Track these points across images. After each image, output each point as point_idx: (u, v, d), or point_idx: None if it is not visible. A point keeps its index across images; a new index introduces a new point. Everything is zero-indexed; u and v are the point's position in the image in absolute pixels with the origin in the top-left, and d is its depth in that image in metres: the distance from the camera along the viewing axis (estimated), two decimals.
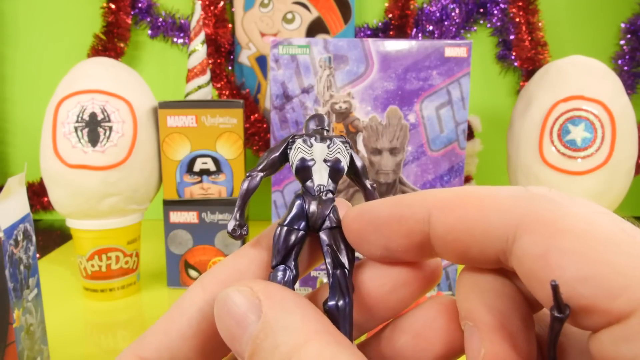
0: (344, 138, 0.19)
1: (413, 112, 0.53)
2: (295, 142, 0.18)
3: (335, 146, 0.18)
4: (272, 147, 0.19)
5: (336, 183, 0.18)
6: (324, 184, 0.18)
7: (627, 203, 0.65)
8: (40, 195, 0.88)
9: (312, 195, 0.18)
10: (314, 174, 0.18)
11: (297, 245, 0.17)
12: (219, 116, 0.57)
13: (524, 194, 0.14)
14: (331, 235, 0.18)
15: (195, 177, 0.58)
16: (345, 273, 0.17)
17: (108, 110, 0.54)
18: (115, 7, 0.81)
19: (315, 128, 0.19)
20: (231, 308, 0.15)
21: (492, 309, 0.15)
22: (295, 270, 0.17)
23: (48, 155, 0.54)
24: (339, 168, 0.18)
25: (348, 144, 0.19)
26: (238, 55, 0.85)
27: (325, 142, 0.18)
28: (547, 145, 0.56)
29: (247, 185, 0.18)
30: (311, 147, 0.18)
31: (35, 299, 0.37)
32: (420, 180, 0.55)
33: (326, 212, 0.18)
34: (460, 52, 0.52)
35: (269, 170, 0.18)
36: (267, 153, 0.18)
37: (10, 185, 0.34)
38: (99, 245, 0.56)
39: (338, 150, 0.18)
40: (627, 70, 0.86)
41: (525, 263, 0.13)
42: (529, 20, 0.83)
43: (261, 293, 0.15)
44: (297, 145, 0.18)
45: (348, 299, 0.17)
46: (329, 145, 0.18)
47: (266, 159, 0.18)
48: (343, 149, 0.18)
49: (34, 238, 0.37)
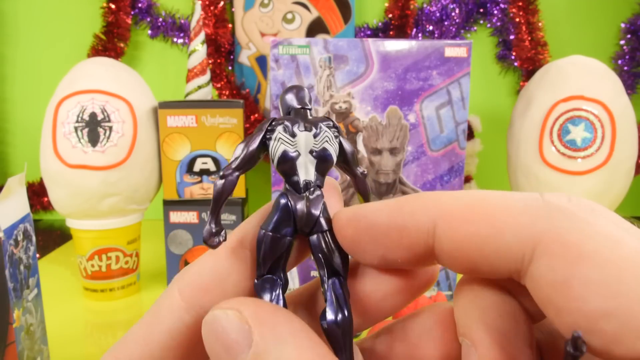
0: (330, 122, 0.16)
1: (413, 112, 0.53)
2: (275, 131, 0.16)
3: (322, 134, 0.16)
4: (247, 138, 0.16)
5: (324, 176, 0.16)
6: (311, 180, 0.16)
7: (627, 203, 0.65)
8: (40, 195, 0.88)
9: (297, 194, 0.16)
10: (298, 168, 0.16)
11: (285, 253, 0.16)
12: (219, 116, 0.57)
13: (541, 206, 0.13)
14: (323, 240, 0.16)
15: (195, 177, 0.58)
16: (341, 281, 0.16)
17: (108, 110, 0.54)
18: (115, 7, 0.81)
19: (296, 107, 0.16)
20: (219, 334, 0.14)
21: (491, 329, 0.14)
22: (283, 279, 0.16)
23: (48, 155, 0.54)
24: (327, 160, 0.16)
25: (336, 129, 0.16)
26: (238, 55, 0.85)
27: (310, 129, 0.16)
28: (547, 145, 0.56)
29: (222, 187, 0.15)
30: (294, 137, 0.15)
31: (35, 299, 0.37)
32: (420, 180, 0.55)
33: (316, 214, 0.15)
34: (460, 52, 0.52)
35: (247, 167, 0.16)
36: (243, 146, 0.16)
37: (10, 185, 0.34)
38: (99, 245, 0.56)
39: (325, 139, 0.16)
40: (627, 70, 0.86)
41: (542, 288, 0.12)
42: (529, 20, 0.83)
43: (251, 319, 0.13)
44: (277, 135, 0.16)
45: (347, 313, 0.15)
46: (315, 134, 0.16)
47: (242, 153, 0.16)
48: (331, 136, 0.16)
49: (34, 238, 0.37)
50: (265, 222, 0.16)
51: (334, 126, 0.16)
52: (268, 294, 0.15)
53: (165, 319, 0.16)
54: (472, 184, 0.82)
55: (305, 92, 0.16)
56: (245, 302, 0.14)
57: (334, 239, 0.16)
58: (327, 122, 0.16)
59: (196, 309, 0.16)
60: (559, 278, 0.12)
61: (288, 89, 0.16)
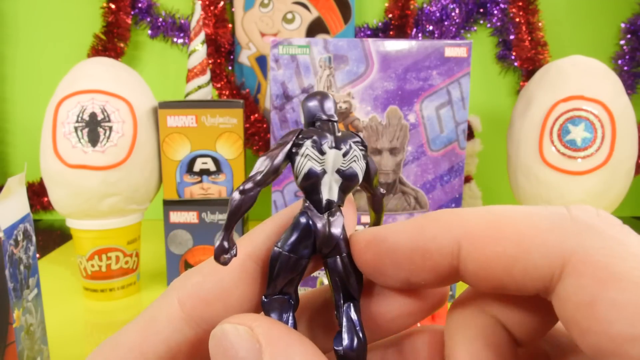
0: (359, 139, 0.15)
1: (413, 112, 0.53)
2: (302, 146, 0.15)
3: (352, 153, 0.15)
4: (271, 151, 0.15)
5: (346, 195, 0.16)
6: (334, 200, 0.15)
7: (627, 203, 0.65)
8: (40, 195, 0.88)
9: (319, 213, 0.15)
10: (322, 187, 0.15)
11: (299, 274, 0.15)
12: (219, 116, 0.57)
13: (569, 223, 0.12)
14: (341, 263, 0.15)
15: (195, 177, 0.58)
16: (356, 306, 0.15)
17: (108, 110, 0.54)
18: (115, 7, 0.81)
19: (323, 118, 0.15)
20: (227, 350, 0.13)
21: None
22: (295, 299, 0.15)
23: (48, 155, 0.54)
24: (353, 180, 0.15)
25: (364, 148, 0.15)
26: (238, 55, 0.85)
27: (340, 147, 0.15)
28: (547, 145, 0.56)
29: (241, 203, 0.14)
30: (323, 155, 0.15)
31: (35, 299, 0.37)
32: (420, 180, 0.55)
33: (338, 235, 0.15)
34: (460, 52, 0.52)
35: (269, 182, 0.15)
36: (266, 160, 0.15)
37: (10, 185, 0.34)
38: (99, 245, 0.56)
39: (354, 158, 0.15)
40: (627, 70, 0.86)
41: (569, 308, 0.12)
42: (529, 20, 0.83)
43: (262, 337, 0.13)
44: (305, 151, 0.15)
45: (363, 337, 0.15)
46: (345, 152, 0.15)
47: (266, 168, 0.14)
48: (360, 156, 0.15)
49: (34, 238, 0.37)
50: (283, 240, 0.15)
51: (362, 144, 0.15)
52: (277, 313, 0.15)
53: (163, 329, 0.15)
54: (472, 184, 0.82)
55: (331, 100, 0.15)
56: (258, 320, 0.13)
57: (351, 262, 0.15)
58: (355, 139, 0.15)
59: (197, 321, 0.15)
60: (585, 298, 0.11)
61: (312, 95, 0.15)
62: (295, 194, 0.54)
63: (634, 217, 0.91)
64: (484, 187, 0.85)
